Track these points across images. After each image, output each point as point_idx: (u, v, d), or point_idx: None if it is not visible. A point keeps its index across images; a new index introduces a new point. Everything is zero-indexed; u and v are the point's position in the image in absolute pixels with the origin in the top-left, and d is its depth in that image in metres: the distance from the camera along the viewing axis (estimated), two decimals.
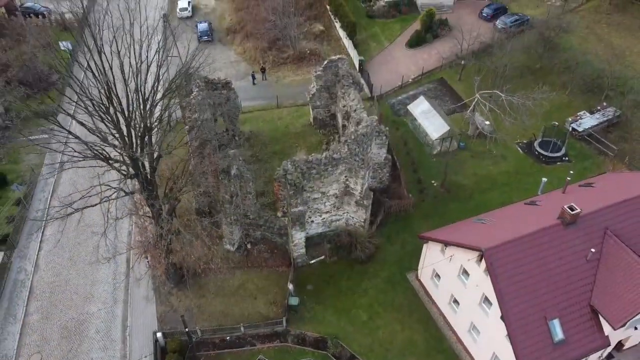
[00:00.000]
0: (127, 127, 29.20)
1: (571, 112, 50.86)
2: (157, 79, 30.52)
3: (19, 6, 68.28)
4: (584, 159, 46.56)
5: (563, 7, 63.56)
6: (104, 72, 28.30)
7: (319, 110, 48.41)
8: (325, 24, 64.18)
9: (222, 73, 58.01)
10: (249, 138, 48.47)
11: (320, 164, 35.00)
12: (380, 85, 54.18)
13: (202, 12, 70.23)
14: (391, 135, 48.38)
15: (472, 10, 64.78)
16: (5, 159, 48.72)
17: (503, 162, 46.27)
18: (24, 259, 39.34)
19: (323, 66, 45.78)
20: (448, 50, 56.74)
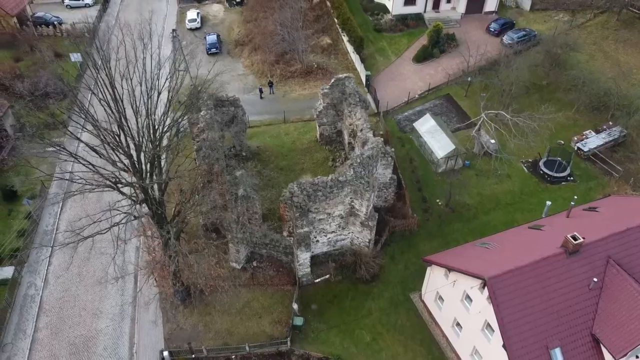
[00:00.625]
0: (137, 152, 29.73)
1: (577, 130, 51.05)
2: (168, 105, 30.95)
3: (30, 16, 69.10)
4: (589, 179, 46.70)
5: (571, 22, 63.64)
6: (116, 102, 28.71)
7: (325, 127, 48.85)
8: (333, 37, 64.64)
9: (230, 86, 58.86)
10: (256, 153, 48.97)
11: (326, 186, 35.44)
12: (386, 101, 54.55)
13: (210, 23, 70.87)
14: (397, 152, 48.97)
15: (479, 25, 65.00)
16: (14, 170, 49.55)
17: (508, 181, 46.51)
18: (34, 274, 40.04)
19: (330, 84, 46.21)
20: (455, 67, 57.06)
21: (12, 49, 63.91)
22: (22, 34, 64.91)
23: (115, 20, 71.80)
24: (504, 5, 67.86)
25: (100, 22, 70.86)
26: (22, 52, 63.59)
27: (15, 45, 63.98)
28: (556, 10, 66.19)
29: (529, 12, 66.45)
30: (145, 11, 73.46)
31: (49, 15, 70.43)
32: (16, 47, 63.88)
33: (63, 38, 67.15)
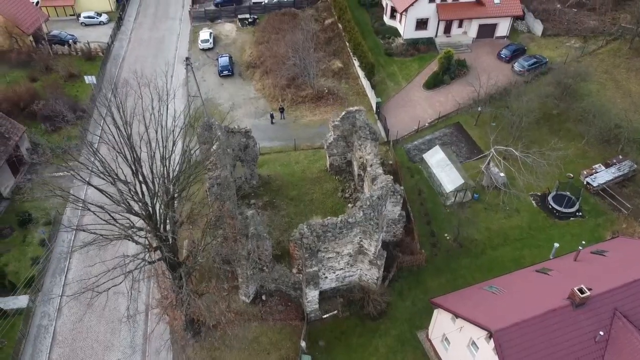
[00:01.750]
0: (151, 199, 30.36)
1: (587, 163, 51.10)
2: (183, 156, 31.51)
3: (46, 34, 70.10)
4: (598, 215, 46.78)
5: (582, 49, 63.58)
6: (133, 152, 29.34)
7: (335, 157, 49.31)
8: (344, 61, 65.05)
9: (242, 110, 59.70)
10: (267, 182, 49.54)
11: (335, 227, 35.90)
12: (396, 129, 54.90)
13: (223, 43, 71.52)
14: (405, 183, 49.39)
15: (490, 50, 65.12)
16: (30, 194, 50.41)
17: (516, 216, 46.70)
18: (47, 304, 40.87)
19: (341, 117, 46.66)
20: (465, 95, 57.30)
21: (28, 69, 65.02)
22: (37, 53, 65.93)
23: (128, 39, 72.75)
24: (516, 30, 67.89)
25: (114, 41, 71.66)
26: (38, 71, 64.63)
27: (31, 64, 65.03)
28: (568, 36, 66.13)
29: (541, 37, 66.42)
30: (158, 30, 74.55)
31: (64, 33, 71.45)
32: (32, 67, 64.94)
33: (78, 57, 68.19)
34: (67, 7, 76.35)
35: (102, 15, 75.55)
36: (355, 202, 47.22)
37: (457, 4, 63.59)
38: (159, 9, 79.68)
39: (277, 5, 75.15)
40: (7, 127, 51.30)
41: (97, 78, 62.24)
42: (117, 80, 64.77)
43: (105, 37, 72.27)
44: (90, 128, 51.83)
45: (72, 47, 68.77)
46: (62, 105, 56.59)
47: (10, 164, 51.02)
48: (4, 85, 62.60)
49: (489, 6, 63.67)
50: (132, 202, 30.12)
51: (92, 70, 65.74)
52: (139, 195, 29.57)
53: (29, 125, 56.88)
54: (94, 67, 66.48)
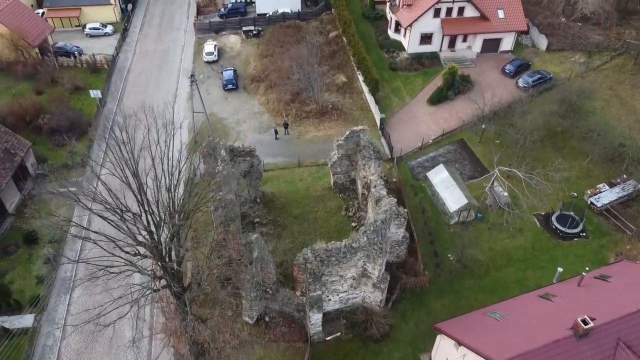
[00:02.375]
0: (156, 229, 30.51)
1: (590, 181, 51.06)
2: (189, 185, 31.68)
3: (52, 46, 70.47)
4: (601, 235, 46.73)
5: (587, 64, 63.52)
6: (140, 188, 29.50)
7: (339, 176, 49.43)
8: (348, 75, 65.16)
9: (246, 124, 59.87)
10: (270, 200, 49.68)
11: (339, 252, 36.02)
12: (400, 145, 54.96)
13: (227, 55, 71.72)
14: (409, 201, 49.49)
15: (495, 65, 65.11)
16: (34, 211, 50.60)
17: (520, 236, 46.67)
18: (52, 323, 41.09)
19: (345, 136, 46.80)
20: (469, 111, 57.28)
21: (34, 81, 65.33)
22: (43, 65, 66.21)
23: (133, 50, 73.00)
24: (520, 44, 67.87)
25: (119, 53, 71.96)
26: (43, 84, 64.92)
27: (37, 77, 65.34)
28: (572, 51, 66.07)
29: (545, 52, 66.37)
30: (163, 42, 74.79)
31: (70, 45, 71.75)
32: (37, 79, 65.24)
33: (83, 69, 68.46)
34: (73, 18, 76.61)
35: (108, 27, 75.88)
36: (359, 221, 47.40)
37: (462, 19, 63.63)
38: (164, 19, 79.96)
39: (281, 17, 75.32)
40: (12, 143, 51.58)
41: (102, 92, 62.47)
42: (122, 91, 65.29)
43: (110, 49, 72.63)
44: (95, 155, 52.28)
45: (78, 59, 69.08)
46: (67, 119, 57.22)
47: (15, 178, 51.28)
48: (9, 98, 63.05)
49: (494, 21, 63.69)
50: (137, 231, 30.27)
51: (97, 83, 66.09)
52: (144, 225, 29.72)
53: (35, 140, 57.17)
54: (99, 79, 66.78)
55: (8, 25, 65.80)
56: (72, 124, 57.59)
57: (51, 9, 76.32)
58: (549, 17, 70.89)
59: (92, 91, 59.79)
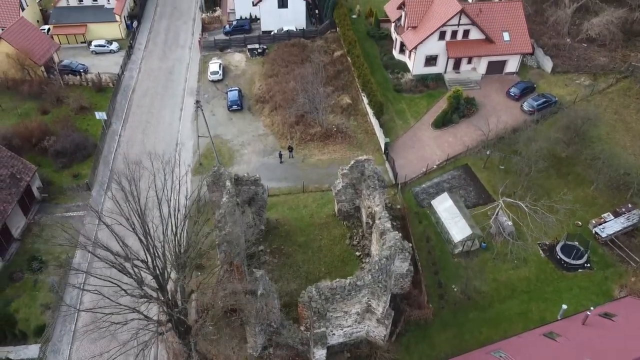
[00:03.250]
0: (161, 273, 30.65)
1: (595, 210, 50.98)
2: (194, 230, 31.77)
3: (57, 64, 70.65)
4: (606, 266, 46.64)
5: (592, 87, 63.39)
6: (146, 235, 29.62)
7: (343, 204, 49.46)
8: (353, 96, 65.16)
9: (251, 147, 59.95)
10: (275, 227, 49.75)
11: (344, 290, 36.06)
12: (404, 170, 54.96)
13: (232, 74, 71.75)
14: (413, 229, 49.53)
15: (499, 87, 65.04)
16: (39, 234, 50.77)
17: (524, 266, 46.61)
18: (57, 354, 41.26)
19: (350, 165, 46.85)
20: (474, 136, 57.20)
21: (39, 100, 65.52)
22: (49, 85, 66.40)
23: (138, 68, 73.10)
24: (525, 65, 67.77)
25: (124, 71, 72.08)
26: (49, 103, 65.12)
27: (42, 96, 65.52)
28: (577, 73, 65.96)
29: (550, 74, 66.26)
30: (168, 59, 74.92)
31: (75, 63, 71.93)
32: (43, 99, 65.43)
33: (88, 88, 68.65)
34: (78, 35, 76.84)
35: (113, 44, 76.04)
36: (363, 250, 47.46)
37: (467, 41, 63.58)
38: (169, 36, 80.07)
39: (286, 35, 75.36)
40: (18, 168, 51.80)
41: (108, 112, 62.65)
42: (127, 111, 65.46)
43: (115, 66, 72.78)
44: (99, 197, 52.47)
45: (83, 78, 69.24)
46: (73, 142, 57.41)
47: (21, 202, 51.46)
48: (15, 119, 63.34)
49: (499, 44, 63.65)
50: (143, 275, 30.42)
51: (102, 102, 66.25)
52: (151, 270, 29.86)
53: (40, 162, 57.41)
54: (105, 98, 66.92)
55: (15, 44, 66.05)
56: (77, 145, 57.84)
57: (57, 25, 76.57)
58: (554, 37, 70.77)
59: (98, 113, 59.92)
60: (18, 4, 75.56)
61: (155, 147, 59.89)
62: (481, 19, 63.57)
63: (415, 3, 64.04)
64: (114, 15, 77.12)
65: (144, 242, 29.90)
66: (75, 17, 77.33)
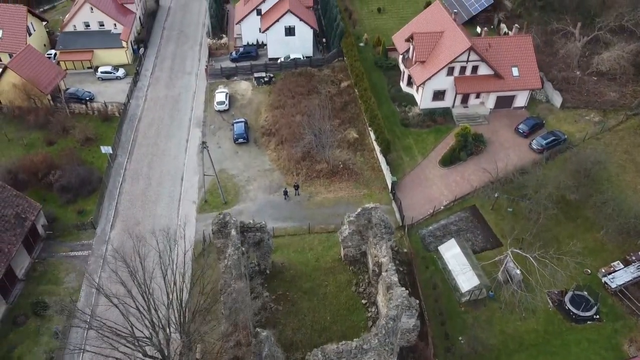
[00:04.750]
0: (166, 343, 30.31)
1: (605, 256, 50.32)
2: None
3: (64, 91, 70.45)
4: (616, 319, 45.97)
5: (602, 125, 62.66)
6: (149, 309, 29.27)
7: (349, 249, 49.01)
8: (360, 130, 64.67)
9: (256, 183, 59.59)
10: (280, 272, 49.33)
11: (349, 353, 35.68)
12: (411, 211, 54.50)
13: (238, 103, 71.36)
14: (420, 275, 49.05)
15: (508, 122, 64.38)
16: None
17: (532, 317, 45.96)
18: None
19: (356, 213, 46.40)
20: (482, 175, 56.57)
21: (45, 130, 65.39)
22: (55, 115, 66.19)
23: (144, 96, 72.82)
24: (534, 99, 67.10)
25: (130, 100, 71.81)
26: (54, 133, 64.98)
27: (48, 126, 65.36)
28: (587, 109, 65.24)
29: (559, 109, 65.55)
30: (174, 87, 74.59)
31: (81, 90, 71.82)
32: (49, 129, 65.27)
33: (95, 117, 68.46)
34: (85, 61, 76.67)
35: (119, 70, 75.84)
36: (369, 298, 46.97)
37: (475, 77, 63.00)
38: (176, 62, 79.76)
39: (292, 63, 74.95)
40: (23, 207, 51.59)
41: (113, 145, 62.44)
42: (132, 143, 65.15)
43: (122, 93, 72.57)
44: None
45: (89, 107, 69.06)
46: (78, 176, 57.17)
47: (25, 241, 51.18)
48: (21, 149, 63.27)
49: (508, 79, 63.01)
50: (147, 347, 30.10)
51: (108, 132, 66.13)
52: (157, 346, 29.51)
53: (45, 196, 57.31)
54: (111, 128, 66.74)
55: (21, 74, 65.94)
56: (82, 180, 57.65)
57: (64, 51, 76.42)
58: (564, 69, 70.02)
59: (103, 147, 59.66)
60: (25, 29, 75.51)
61: (160, 181, 59.75)
62: (490, 54, 62.99)
63: (424, 38, 63.50)
64: (120, 42, 76.94)
65: (147, 317, 29.55)
66: (82, 43, 77.18)
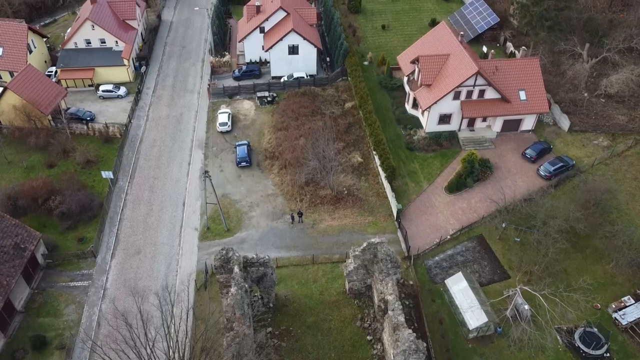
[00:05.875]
0: None
1: (615, 290, 49.34)
2: None
3: (64, 111, 69.50)
4: (627, 356, 44.95)
5: (611, 150, 61.60)
6: None
7: (354, 283, 48.05)
8: (364, 154, 63.70)
9: (259, 209, 58.60)
10: (284, 305, 48.38)
11: None
12: (417, 240, 53.56)
13: (241, 124, 70.42)
14: (426, 309, 48.17)
15: (515, 146, 63.37)
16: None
17: (541, 356, 44.96)
18: None
19: (362, 248, 45.43)
20: (488, 204, 55.60)
21: (45, 152, 64.52)
22: (56, 137, 65.29)
23: (146, 116, 71.92)
24: (541, 121, 66.08)
25: (132, 120, 70.90)
26: (55, 155, 64.11)
27: (49, 148, 64.49)
28: (595, 133, 64.21)
29: (567, 133, 64.53)
30: (176, 106, 73.61)
31: (82, 110, 71.01)
32: (49, 151, 64.40)
33: (95, 138, 67.58)
34: (86, 79, 75.76)
35: (120, 89, 74.96)
36: (374, 334, 46.04)
37: (482, 101, 61.99)
38: (178, 79, 78.87)
39: (296, 83, 74.00)
40: (23, 237, 50.72)
41: (114, 170, 61.56)
42: (134, 165, 64.22)
43: (123, 113, 71.74)
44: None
45: (90, 128, 68.17)
46: (78, 203, 56.27)
47: (24, 272, 50.23)
48: (21, 172, 62.45)
49: (515, 103, 62.01)
50: None
51: (109, 154, 65.32)
52: None
53: (45, 222, 56.52)
54: (112, 150, 65.88)
55: (22, 94, 65.11)
56: (83, 206, 56.79)
57: (64, 69, 75.56)
58: (571, 91, 69.01)
59: (104, 172, 58.73)
60: (26, 47, 74.72)
61: (162, 207, 58.83)
62: (497, 77, 62.02)
63: (430, 61, 62.51)
64: (122, 60, 76.04)
65: None
66: (83, 61, 76.35)
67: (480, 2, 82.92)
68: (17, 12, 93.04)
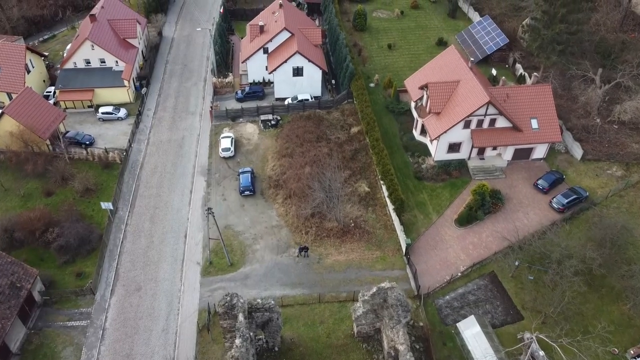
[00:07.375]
0: None
1: (632, 333, 47.65)
2: None
3: (63, 135, 67.65)
4: None
5: (626, 181, 59.81)
6: None
7: (363, 326, 46.32)
8: (371, 182, 61.94)
9: (263, 241, 56.87)
10: (289, 349, 46.64)
11: None
12: (426, 277, 51.89)
13: (244, 149, 68.62)
14: (437, 353, 46.37)
15: (526, 176, 61.63)
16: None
17: None
18: None
19: (371, 293, 43.66)
20: (500, 238, 53.89)
21: (43, 179, 62.72)
22: (54, 162, 63.47)
23: (146, 139, 70.07)
24: (553, 149, 64.33)
25: (132, 144, 69.07)
26: (53, 183, 62.28)
27: (47, 175, 62.70)
28: (609, 162, 62.46)
29: (580, 161, 62.78)
30: (178, 129, 71.79)
31: (82, 133, 69.13)
32: (47, 177, 62.59)
33: (95, 163, 65.77)
34: (85, 100, 73.94)
35: (121, 111, 73.10)
36: None
37: (493, 129, 60.21)
38: (179, 100, 77.02)
39: (300, 105, 72.22)
40: (19, 275, 48.96)
41: (113, 200, 59.81)
42: (134, 193, 62.43)
43: (123, 136, 69.90)
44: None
45: (89, 152, 66.38)
46: (77, 235, 54.51)
47: (20, 311, 48.42)
48: (18, 200, 60.69)
49: (527, 132, 60.27)
50: None
51: (109, 181, 63.57)
52: None
53: (42, 255, 54.81)
54: (111, 176, 64.10)
55: (19, 119, 63.36)
56: (81, 239, 55.00)
57: (63, 90, 73.74)
58: (583, 116, 67.29)
59: (103, 204, 56.94)
60: (24, 67, 72.89)
61: (163, 239, 57.06)
62: (508, 104, 60.31)
63: (439, 88, 60.75)
64: (122, 80, 74.23)
65: None
66: (82, 81, 74.50)
67: (488, 22, 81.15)
68: (15, 27, 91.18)
